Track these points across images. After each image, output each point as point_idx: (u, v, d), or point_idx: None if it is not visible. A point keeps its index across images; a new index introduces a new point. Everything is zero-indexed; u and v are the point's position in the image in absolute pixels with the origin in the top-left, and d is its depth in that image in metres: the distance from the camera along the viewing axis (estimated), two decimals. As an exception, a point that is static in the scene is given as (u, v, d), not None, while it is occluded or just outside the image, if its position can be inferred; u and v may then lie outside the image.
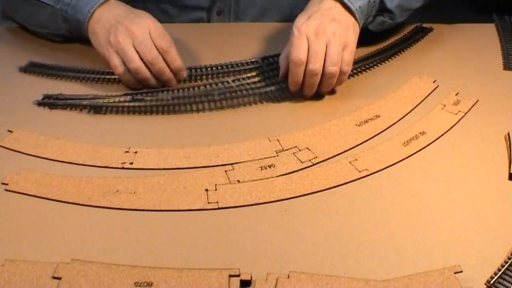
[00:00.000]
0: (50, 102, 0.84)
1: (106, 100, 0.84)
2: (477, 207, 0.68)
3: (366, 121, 0.81)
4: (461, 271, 0.58)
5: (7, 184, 0.69)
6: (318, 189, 0.70)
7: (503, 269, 0.58)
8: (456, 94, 0.86)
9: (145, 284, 0.57)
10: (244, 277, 0.58)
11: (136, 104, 0.83)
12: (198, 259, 0.61)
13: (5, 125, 0.80)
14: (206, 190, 0.69)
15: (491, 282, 0.57)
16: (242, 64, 0.93)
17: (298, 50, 0.80)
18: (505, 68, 0.94)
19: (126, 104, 0.83)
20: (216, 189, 0.69)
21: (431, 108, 0.84)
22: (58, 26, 0.95)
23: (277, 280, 0.57)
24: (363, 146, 0.77)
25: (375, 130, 0.79)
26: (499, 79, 0.91)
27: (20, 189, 0.69)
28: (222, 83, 0.88)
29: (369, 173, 0.72)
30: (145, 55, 0.83)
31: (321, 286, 0.57)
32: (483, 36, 1.01)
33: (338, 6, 0.86)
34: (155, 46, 0.83)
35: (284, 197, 0.68)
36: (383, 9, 0.94)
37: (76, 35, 0.95)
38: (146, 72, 0.84)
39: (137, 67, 0.83)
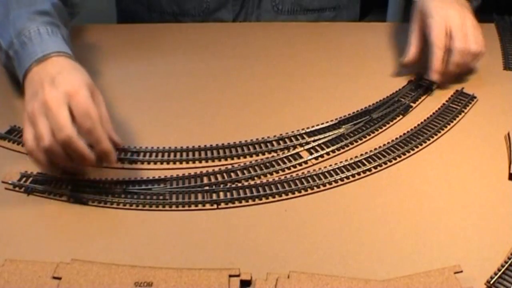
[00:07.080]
0: (27, 185, 0.70)
1: (92, 190, 0.69)
2: (477, 207, 0.68)
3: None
4: (461, 271, 0.58)
5: (6, 183, 0.70)
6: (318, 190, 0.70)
7: (503, 269, 0.58)
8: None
9: (145, 284, 0.57)
10: (244, 277, 0.58)
11: (128, 200, 0.68)
12: (198, 259, 0.61)
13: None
14: None
15: (491, 282, 0.57)
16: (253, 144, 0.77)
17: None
18: (505, 68, 0.94)
19: (116, 199, 0.68)
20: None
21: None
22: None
23: (277, 280, 0.57)
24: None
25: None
26: (499, 79, 0.91)
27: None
28: (226, 184, 0.71)
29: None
30: (56, 133, 0.65)
31: (321, 286, 0.57)
32: (483, 36, 1.00)
33: None
34: (74, 120, 0.65)
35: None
36: None
37: None
38: (58, 153, 0.66)
39: (47, 147, 0.65)
